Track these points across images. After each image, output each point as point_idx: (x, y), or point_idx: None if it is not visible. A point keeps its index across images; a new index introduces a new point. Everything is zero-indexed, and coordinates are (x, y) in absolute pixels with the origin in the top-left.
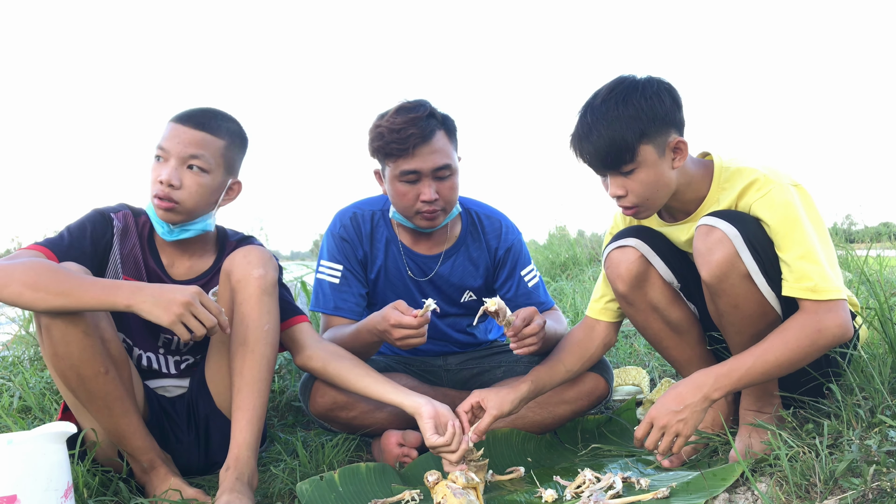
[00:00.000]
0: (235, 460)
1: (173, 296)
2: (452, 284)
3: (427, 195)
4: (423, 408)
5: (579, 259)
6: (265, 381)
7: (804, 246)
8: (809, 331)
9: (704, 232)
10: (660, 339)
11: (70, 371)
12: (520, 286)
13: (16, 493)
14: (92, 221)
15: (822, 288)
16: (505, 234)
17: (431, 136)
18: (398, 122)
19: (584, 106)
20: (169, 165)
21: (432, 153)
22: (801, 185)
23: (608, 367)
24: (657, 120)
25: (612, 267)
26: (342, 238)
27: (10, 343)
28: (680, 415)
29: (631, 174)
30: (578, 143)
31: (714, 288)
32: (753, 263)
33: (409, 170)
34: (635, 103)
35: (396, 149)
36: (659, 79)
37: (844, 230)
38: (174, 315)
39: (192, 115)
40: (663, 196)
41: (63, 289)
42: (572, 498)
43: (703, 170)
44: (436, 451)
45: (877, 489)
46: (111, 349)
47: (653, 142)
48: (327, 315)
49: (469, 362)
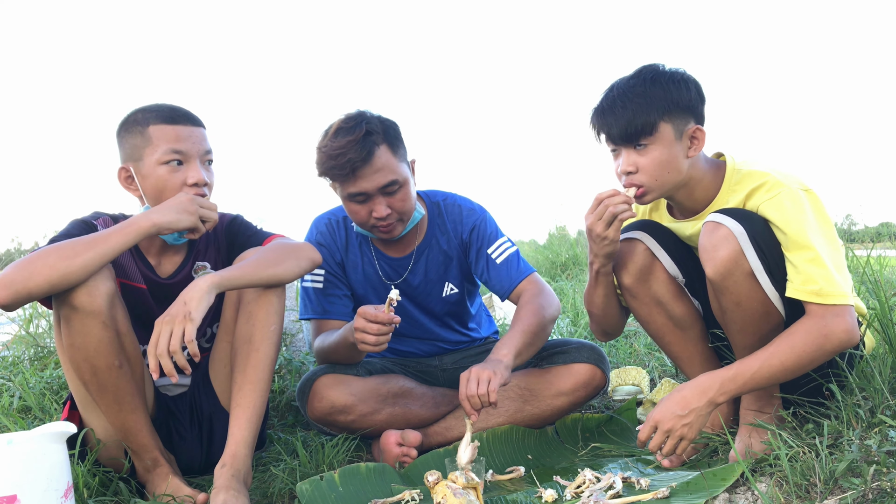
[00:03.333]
0: (232, 457)
1: (180, 201)
2: (430, 281)
3: (379, 213)
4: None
5: (579, 259)
6: (266, 380)
7: (812, 249)
8: (816, 335)
9: (711, 228)
10: (662, 333)
11: (84, 363)
12: (489, 265)
13: (16, 493)
14: (78, 229)
15: (828, 292)
16: (466, 216)
17: (371, 157)
18: (336, 146)
19: (610, 85)
20: (193, 167)
21: (375, 173)
22: (812, 189)
23: (604, 358)
24: (681, 104)
25: (618, 258)
26: (319, 244)
27: (10, 343)
28: (684, 419)
29: (645, 149)
30: (601, 115)
31: (718, 285)
32: (758, 262)
33: (355, 192)
34: (662, 84)
35: (339, 174)
36: (686, 71)
37: (844, 230)
38: (192, 213)
39: (183, 114)
40: (672, 180)
41: (86, 245)
42: (572, 498)
43: (715, 169)
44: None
45: (877, 489)
46: (126, 343)
47: (673, 122)
48: (318, 320)
49: (464, 360)
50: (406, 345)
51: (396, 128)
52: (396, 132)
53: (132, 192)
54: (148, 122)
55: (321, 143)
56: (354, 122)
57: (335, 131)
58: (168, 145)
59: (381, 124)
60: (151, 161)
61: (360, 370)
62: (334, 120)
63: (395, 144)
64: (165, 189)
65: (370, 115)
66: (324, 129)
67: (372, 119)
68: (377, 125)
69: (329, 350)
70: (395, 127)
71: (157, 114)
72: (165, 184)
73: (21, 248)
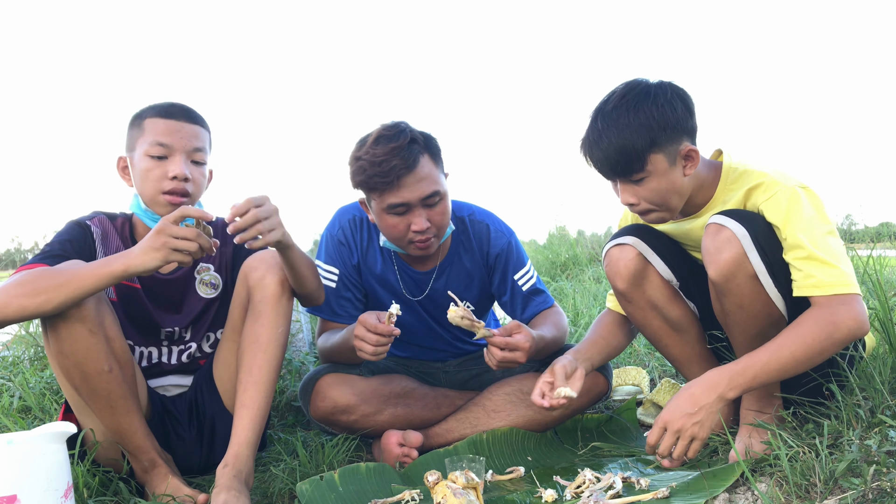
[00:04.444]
0: (234, 458)
1: (148, 240)
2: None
3: (419, 225)
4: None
5: (579, 259)
6: (272, 382)
7: (812, 247)
8: (824, 324)
9: (714, 231)
10: (659, 336)
11: (74, 369)
12: (514, 291)
13: (16, 493)
14: (71, 233)
15: (829, 283)
16: (494, 238)
17: (416, 165)
18: (379, 153)
19: (595, 110)
20: (176, 160)
21: (419, 182)
22: (810, 187)
23: (607, 365)
24: (668, 128)
25: (611, 264)
26: (339, 241)
27: (10, 343)
28: (694, 417)
29: (641, 182)
30: (589, 149)
31: (721, 287)
32: (761, 264)
33: (396, 203)
34: (646, 111)
35: (381, 182)
36: (671, 84)
37: (844, 230)
38: (160, 249)
39: (180, 110)
40: (677, 201)
41: (59, 283)
42: (572, 498)
43: (713, 171)
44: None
45: (877, 489)
46: (115, 348)
47: (663, 150)
48: (324, 319)
49: (468, 363)
50: (413, 352)
51: (436, 140)
52: (437, 144)
53: (126, 181)
54: (146, 115)
55: (360, 153)
56: (397, 130)
57: (376, 139)
58: (155, 137)
59: (421, 135)
60: (140, 152)
61: (363, 370)
62: (371, 130)
63: (436, 156)
64: (146, 180)
65: (409, 125)
66: (359, 140)
67: (413, 129)
68: (419, 135)
69: (332, 350)
70: (435, 139)
71: (157, 108)
72: (147, 174)
73: (21, 248)
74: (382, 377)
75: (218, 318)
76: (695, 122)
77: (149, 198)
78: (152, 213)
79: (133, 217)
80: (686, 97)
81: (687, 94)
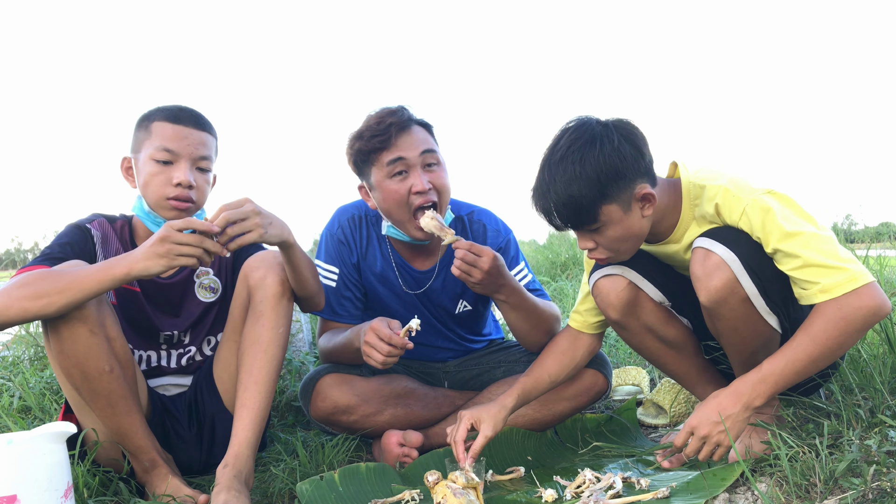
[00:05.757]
0: (235, 458)
1: (151, 245)
2: (446, 296)
3: (419, 185)
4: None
5: (579, 259)
6: (272, 382)
7: (805, 254)
8: (835, 321)
9: (702, 256)
10: (657, 356)
11: (75, 369)
12: None
13: (16, 493)
14: (71, 236)
15: (837, 284)
16: (491, 238)
17: (410, 126)
18: (374, 118)
19: (542, 160)
20: (181, 167)
21: (414, 140)
22: (775, 189)
23: (607, 363)
24: (618, 178)
25: (602, 296)
26: (339, 240)
27: (10, 343)
28: (721, 426)
29: (597, 231)
30: (537, 200)
31: (713, 311)
32: (753, 287)
33: (394, 158)
34: (593, 162)
35: (378, 141)
36: (619, 123)
37: (844, 230)
38: (164, 256)
39: (189, 115)
40: (636, 243)
41: (62, 286)
42: (572, 498)
43: (673, 194)
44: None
45: (877, 489)
46: (116, 348)
47: (616, 200)
48: (325, 319)
49: (468, 362)
50: (414, 351)
51: (432, 126)
52: (432, 128)
53: (130, 182)
54: (154, 117)
55: (358, 129)
56: (394, 106)
57: (373, 114)
58: (161, 142)
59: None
60: (146, 155)
61: (364, 370)
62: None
63: (432, 132)
64: (150, 184)
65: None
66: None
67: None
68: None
69: (334, 350)
70: (431, 124)
71: (165, 111)
72: (152, 179)
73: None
74: (383, 377)
75: (217, 322)
76: (648, 160)
77: (153, 202)
78: (155, 217)
79: (133, 219)
80: (635, 136)
81: (636, 132)
